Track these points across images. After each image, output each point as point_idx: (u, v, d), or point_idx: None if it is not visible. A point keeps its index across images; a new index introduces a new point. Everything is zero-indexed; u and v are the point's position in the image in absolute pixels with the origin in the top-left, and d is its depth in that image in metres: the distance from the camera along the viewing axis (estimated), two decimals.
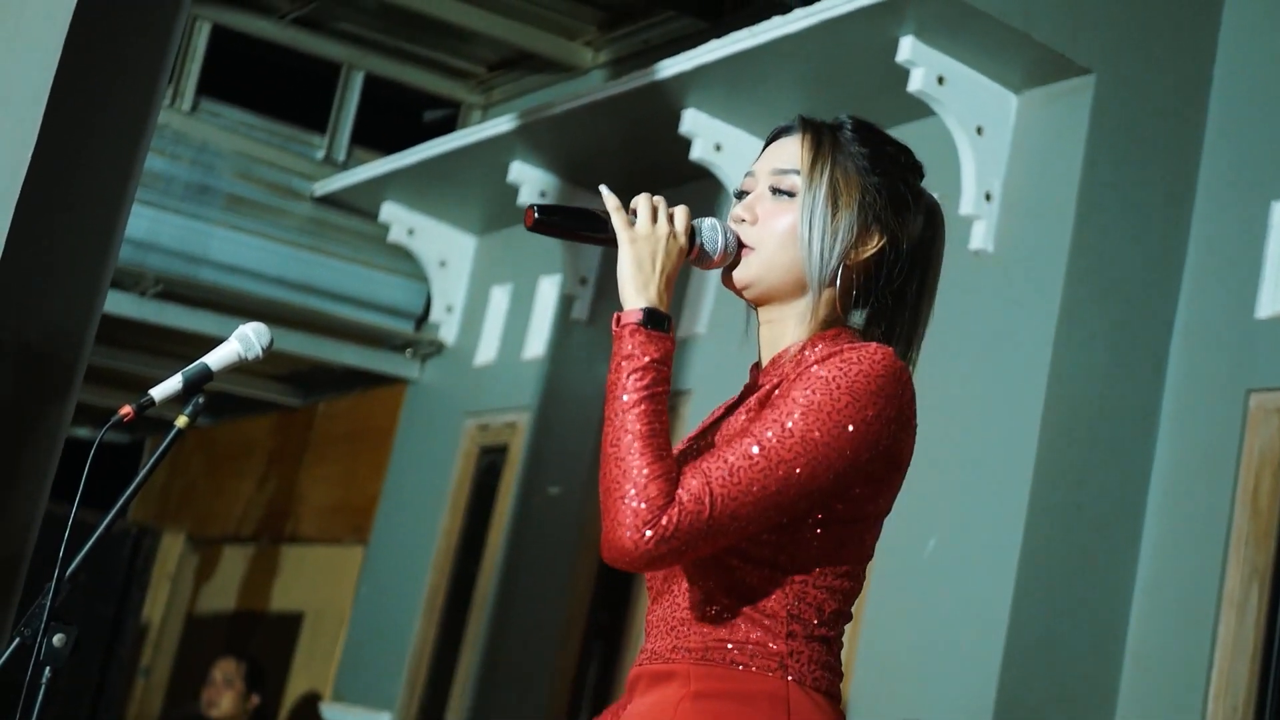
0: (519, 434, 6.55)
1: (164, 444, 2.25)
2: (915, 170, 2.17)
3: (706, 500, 1.84)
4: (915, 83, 4.67)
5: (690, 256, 2.05)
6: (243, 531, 8.67)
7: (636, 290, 1.96)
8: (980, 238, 4.73)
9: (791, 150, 2.11)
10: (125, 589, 6.74)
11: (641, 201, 2.02)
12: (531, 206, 2.03)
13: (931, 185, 5.10)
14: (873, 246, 2.07)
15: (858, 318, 2.14)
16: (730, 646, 1.96)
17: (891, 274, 2.09)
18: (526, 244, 6.66)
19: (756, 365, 2.15)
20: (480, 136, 6.33)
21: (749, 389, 2.12)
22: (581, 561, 6.01)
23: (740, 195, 2.13)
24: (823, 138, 2.10)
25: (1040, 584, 4.37)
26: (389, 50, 7.38)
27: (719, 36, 5.15)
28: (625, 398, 1.89)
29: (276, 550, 8.38)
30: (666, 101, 5.47)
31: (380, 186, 6.99)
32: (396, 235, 7.12)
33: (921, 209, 2.15)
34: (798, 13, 4.81)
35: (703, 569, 1.99)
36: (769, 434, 1.89)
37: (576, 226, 2.05)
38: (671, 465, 1.87)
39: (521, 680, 6.18)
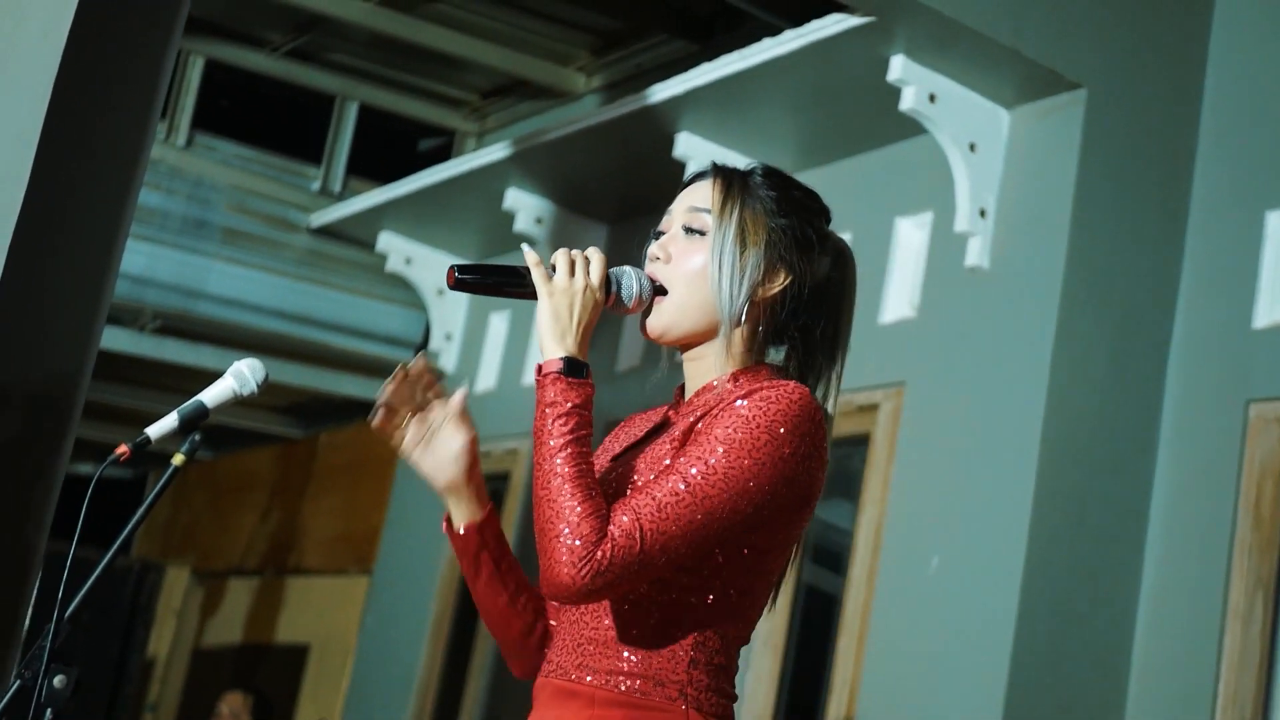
0: (520, 461, 6.55)
1: (161, 482, 2.25)
2: (822, 214, 2.25)
3: (637, 535, 1.94)
4: (907, 101, 4.68)
5: (607, 304, 2.14)
6: (247, 564, 8.66)
7: (555, 340, 2.06)
8: (975, 254, 4.73)
9: (705, 192, 2.20)
10: (129, 625, 6.75)
11: (560, 256, 2.11)
12: (452, 267, 2.12)
13: (925, 202, 5.15)
14: (778, 285, 2.16)
15: (775, 355, 2.22)
16: (633, 674, 2.04)
17: (797, 311, 2.18)
18: None
19: (680, 390, 2.23)
20: (475, 164, 6.34)
21: (667, 418, 2.20)
22: None
23: (658, 235, 2.22)
24: (733, 181, 2.19)
25: (1044, 599, 4.36)
26: (382, 80, 7.40)
27: (710, 59, 5.16)
28: (552, 443, 1.99)
29: (281, 582, 8.37)
30: (660, 125, 5.48)
31: (377, 216, 6.99)
32: (394, 264, 7.12)
33: (828, 250, 2.23)
34: (788, 34, 4.82)
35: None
36: (693, 470, 1.98)
37: (498, 282, 2.14)
38: (601, 504, 1.96)
39: (528, 706, 6.15)
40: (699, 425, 2.06)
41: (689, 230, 2.17)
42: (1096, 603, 4.45)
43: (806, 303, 2.18)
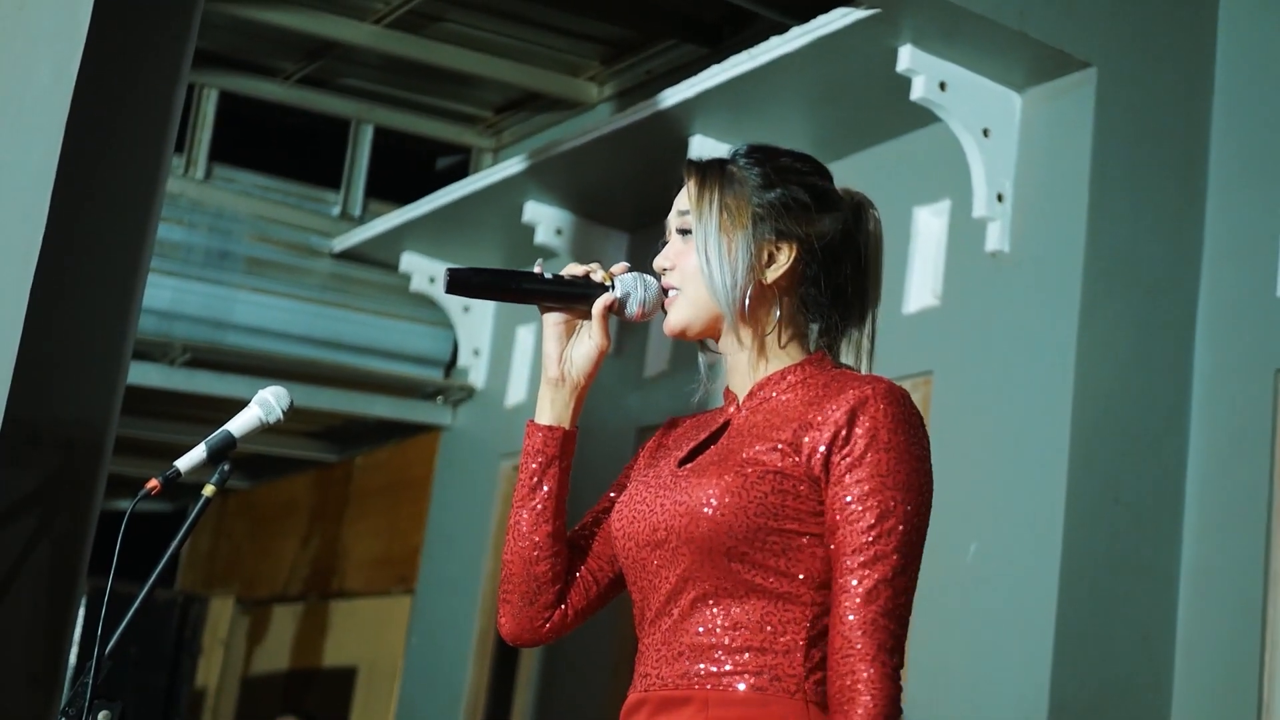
0: None
1: (193, 513, 2.26)
2: (815, 173, 2.21)
3: (896, 641, 2.01)
4: (918, 91, 4.68)
5: (620, 315, 2.18)
6: (290, 590, 8.70)
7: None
8: (996, 239, 4.73)
9: (684, 193, 2.20)
10: (176, 657, 6.78)
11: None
12: (448, 270, 2.13)
13: (942, 190, 5.15)
14: (784, 260, 2.14)
15: (813, 325, 2.21)
16: (749, 672, 2.01)
17: (818, 277, 2.16)
18: None
19: (728, 388, 2.22)
20: (492, 179, 6.36)
21: (730, 420, 2.19)
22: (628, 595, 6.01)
23: (664, 245, 2.23)
24: (707, 173, 2.18)
25: (1084, 579, 4.35)
26: (396, 102, 7.42)
27: (719, 61, 5.17)
28: None
29: (325, 606, 8.40)
30: (673, 129, 5.49)
31: (398, 237, 7.02)
32: (418, 284, 7.15)
33: (831, 206, 2.19)
34: (794, 31, 4.82)
35: (719, 595, 2.04)
36: (889, 549, 2.01)
37: (495, 284, 2.18)
38: (885, 664, 2.00)
39: (575, 718, 6.17)
40: (815, 455, 2.03)
41: (682, 233, 2.18)
42: (1137, 580, 4.44)
43: (825, 266, 2.16)
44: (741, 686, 2.00)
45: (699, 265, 2.13)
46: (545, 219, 6.38)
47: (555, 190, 6.29)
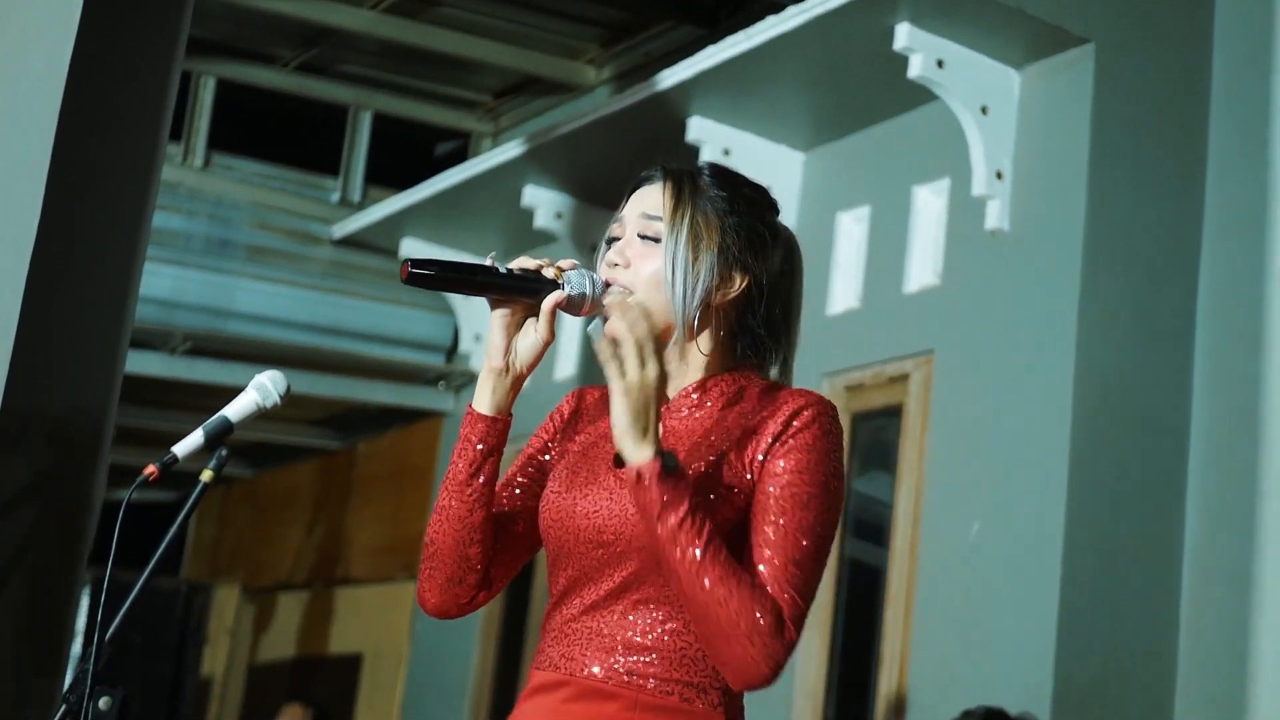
0: None
1: (191, 499, 2.26)
2: (771, 208, 2.26)
3: (801, 603, 2.04)
4: (915, 69, 4.67)
5: (560, 305, 2.19)
6: (295, 578, 8.70)
7: (640, 439, 2.05)
8: (995, 217, 4.72)
9: (655, 197, 2.21)
10: (181, 646, 6.78)
11: (628, 347, 2.07)
12: (405, 261, 2.15)
13: (941, 168, 5.14)
14: (736, 288, 2.18)
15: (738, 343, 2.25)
16: (679, 680, 2.07)
17: (757, 309, 2.21)
18: None
19: None
20: (491, 164, 6.35)
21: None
22: None
23: (610, 241, 2.23)
24: (683, 184, 2.20)
25: (1087, 557, 4.35)
26: (394, 88, 7.41)
27: (717, 42, 5.16)
28: (695, 551, 2.01)
29: (330, 593, 8.41)
30: (671, 111, 5.48)
31: (398, 223, 7.01)
32: None
33: (780, 244, 2.25)
34: (790, 10, 4.81)
35: (661, 602, 2.08)
36: (804, 525, 2.06)
37: (455, 279, 2.19)
38: (762, 587, 2.02)
39: None
40: (753, 451, 2.09)
41: (644, 237, 2.19)
42: (1139, 558, 4.43)
43: (767, 299, 2.21)
44: (669, 694, 2.06)
45: (664, 275, 2.15)
46: (544, 203, 6.37)
47: (554, 174, 6.28)
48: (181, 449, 2.28)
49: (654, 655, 2.07)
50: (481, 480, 2.20)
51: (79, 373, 3.02)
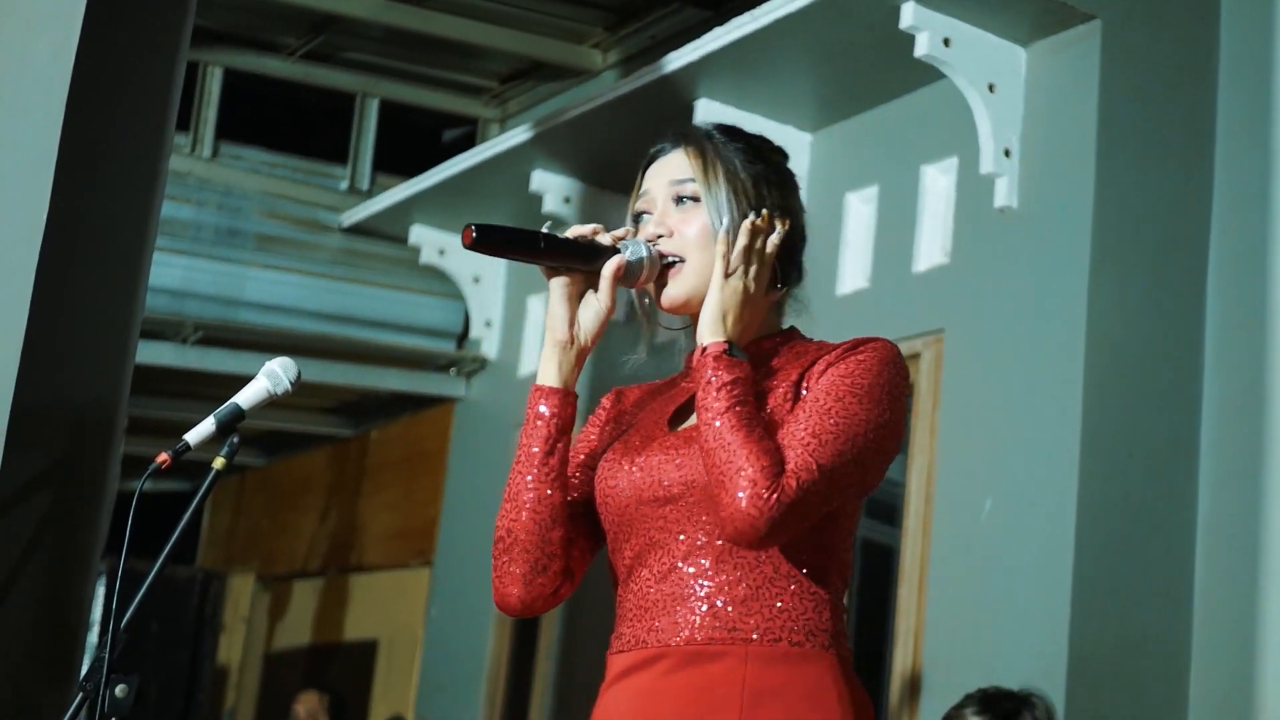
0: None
1: (203, 487, 2.27)
2: (779, 151, 2.27)
3: (814, 466, 1.95)
4: (921, 47, 4.66)
5: (622, 281, 2.15)
6: (310, 566, 8.72)
7: (717, 326, 2.07)
8: (1004, 195, 4.71)
9: (678, 162, 2.19)
10: (197, 635, 6.80)
11: (740, 253, 2.10)
12: (468, 226, 2.10)
13: (949, 147, 5.13)
14: (779, 234, 2.15)
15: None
16: (786, 626, 2.00)
17: (795, 251, 2.20)
18: None
19: (690, 358, 2.22)
20: (499, 149, 6.35)
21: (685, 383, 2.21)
22: None
23: (638, 217, 2.21)
24: (705, 143, 2.20)
25: (1100, 532, 4.35)
26: (401, 74, 7.41)
27: (722, 24, 5.15)
28: (716, 404, 1.99)
29: (345, 580, 8.43)
30: (678, 94, 5.48)
31: (407, 210, 7.01)
32: (428, 256, 7.14)
33: (796, 185, 2.26)
34: None
35: (739, 551, 2.02)
36: (835, 411, 2.00)
37: (515, 243, 2.14)
38: (773, 446, 1.97)
39: (596, 685, 6.19)
40: (807, 380, 2.07)
41: (680, 200, 2.17)
42: (1153, 532, 4.43)
43: (800, 240, 2.21)
44: (780, 642, 2.00)
45: (712, 228, 2.12)
46: (553, 187, 6.38)
47: (562, 158, 6.28)
48: (193, 437, 2.29)
49: (750, 605, 2.01)
50: (556, 458, 2.15)
51: (90, 364, 3.03)
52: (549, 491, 2.14)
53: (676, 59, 5.34)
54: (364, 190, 7.39)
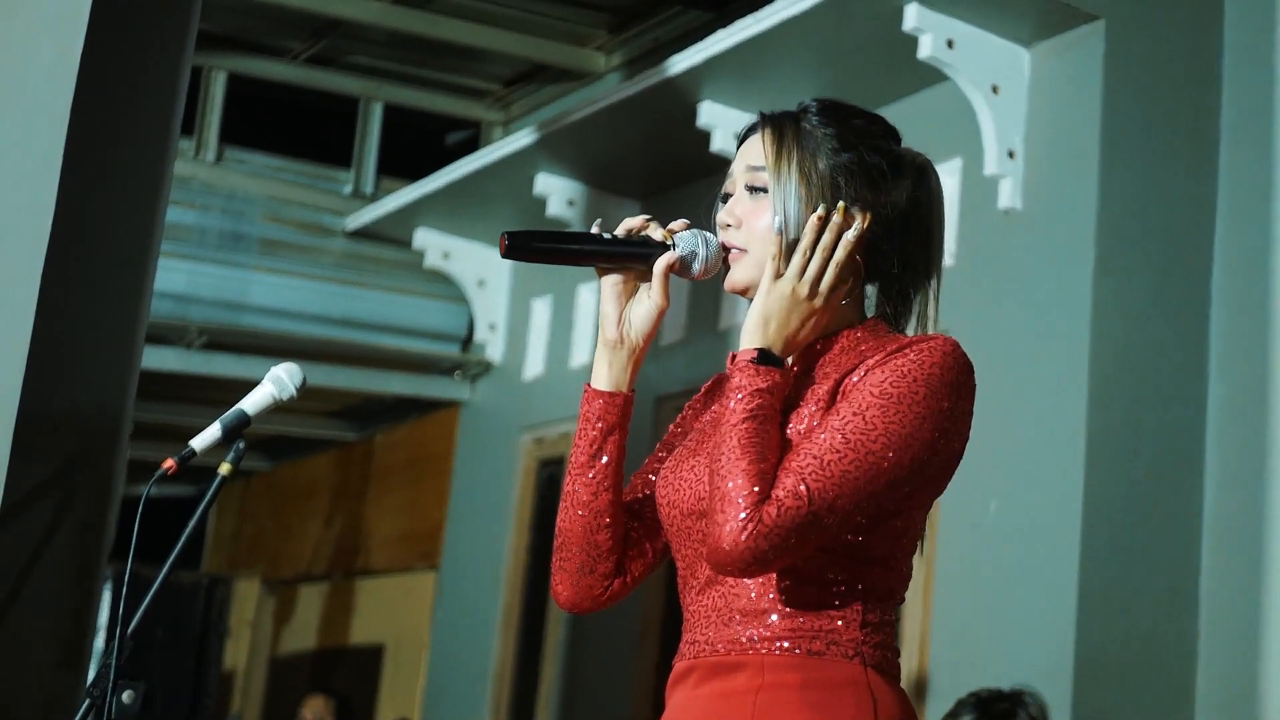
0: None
1: (210, 492, 2.26)
2: (888, 135, 2.13)
3: (804, 494, 1.85)
4: (925, 49, 4.66)
5: (678, 274, 2.07)
6: (315, 570, 8.73)
7: (757, 333, 1.98)
8: (1008, 196, 4.71)
9: (758, 146, 2.09)
10: (203, 640, 6.80)
11: (801, 255, 2.00)
12: (502, 235, 2.03)
13: (952, 149, 5.12)
14: (857, 228, 2.03)
15: (869, 291, 2.13)
16: (805, 635, 1.96)
17: (884, 247, 2.07)
18: None
19: None
20: (503, 153, 6.36)
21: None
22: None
23: (725, 198, 2.12)
24: (784, 129, 2.07)
25: (1106, 534, 4.35)
26: (404, 78, 7.42)
27: (725, 26, 5.16)
28: (731, 419, 1.92)
29: (350, 584, 8.43)
30: (681, 96, 5.48)
31: (411, 214, 7.02)
32: (432, 260, 7.15)
33: (904, 173, 2.11)
34: None
35: None
36: (850, 427, 1.90)
37: (557, 250, 2.09)
38: (769, 468, 1.88)
39: (602, 688, 6.19)
40: (844, 385, 1.97)
41: (752, 190, 2.07)
42: (1159, 532, 4.43)
43: (894, 234, 2.07)
44: (797, 652, 1.95)
45: (775, 225, 2.02)
46: (557, 190, 6.38)
47: (566, 161, 6.29)
48: (199, 443, 2.28)
49: (774, 616, 1.96)
50: (605, 460, 2.09)
51: (96, 369, 3.03)
52: (596, 494, 2.10)
53: (680, 62, 5.34)
54: (368, 194, 7.40)
